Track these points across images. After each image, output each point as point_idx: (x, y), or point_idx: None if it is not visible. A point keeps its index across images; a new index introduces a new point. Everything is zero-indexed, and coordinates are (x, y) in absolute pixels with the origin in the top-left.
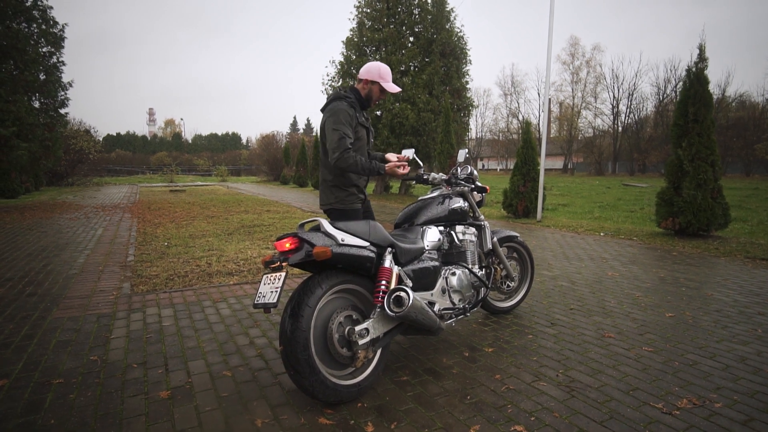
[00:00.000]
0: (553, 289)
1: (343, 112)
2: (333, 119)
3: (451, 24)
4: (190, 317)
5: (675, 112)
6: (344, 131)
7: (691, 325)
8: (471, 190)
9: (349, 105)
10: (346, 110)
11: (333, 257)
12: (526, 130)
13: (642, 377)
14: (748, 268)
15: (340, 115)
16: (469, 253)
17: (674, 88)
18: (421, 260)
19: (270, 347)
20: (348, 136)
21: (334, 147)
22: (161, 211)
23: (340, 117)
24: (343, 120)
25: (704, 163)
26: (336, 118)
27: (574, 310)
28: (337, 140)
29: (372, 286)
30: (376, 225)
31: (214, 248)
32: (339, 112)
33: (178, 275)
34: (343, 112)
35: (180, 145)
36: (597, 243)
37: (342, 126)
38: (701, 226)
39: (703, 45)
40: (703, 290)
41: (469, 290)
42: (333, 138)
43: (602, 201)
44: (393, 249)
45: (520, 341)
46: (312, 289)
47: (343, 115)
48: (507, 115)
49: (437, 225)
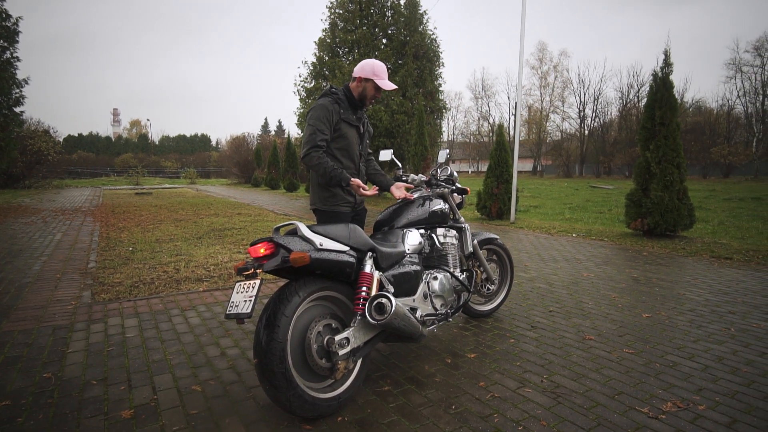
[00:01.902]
0: (531, 291)
1: (321, 107)
2: (310, 114)
3: (424, 26)
4: (156, 327)
5: (642, 115)
6: (318, 126)
7: (667, 326)
8: (451, 192)
9: (332, 101)
10: (326, 106)
11: (311, 263)
12: (499, 132)
13: (625, 380)
14: (714, 267)
15: (317, 111)
16: (451, 257)
17: (637, 93)
18: (402, 265)
19: (243, 358)
20: (321, 131)
21: (303, 141)
22: (126, 215)
23: (316, 112)
24: (319, 116)
25: (671, 165)
26: (312, 113)
27: (553, 312)
28: (307, 135)
29: (352, 293)
30: (356, 228)
31: (182, 253)
32: (317, 108)
33: (143, 282)
34: (321, 107)
35: (146, 147)
36: (570, 244)
37: (316, 122)
38: (668, 226)
39: (668, 50)
40: (676, 290)
41: (451, 295)
42: (305, 133)
43: (571, 202)
44: (374, 253)
45: (502, 346)
46: (288, 297)
47: (321, 110)
48: (478, 118)
49: (417, 228)
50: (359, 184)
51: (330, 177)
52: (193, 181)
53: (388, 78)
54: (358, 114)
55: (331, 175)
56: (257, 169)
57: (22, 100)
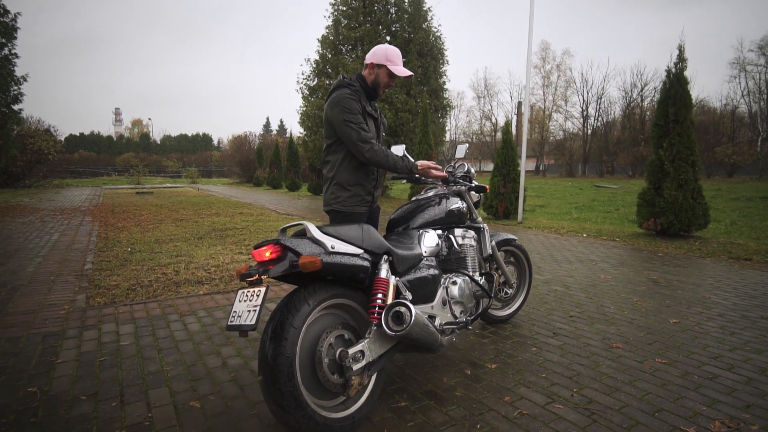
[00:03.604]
0: (548, 295)
1: (347, 100)
2: (340, 110)
3: (428, 24)
4: (153, 334)
5: (656, 112)
6: (357, 120)
7: (698, 333)
8: (468, 190)
9: (352, 92)
10: (349, 98)
11: (323, 268)
12: (506, 131)
13: (664, 395)
14: (735, 269)
15: (345, 104)
16: (470, 259)
17: (640, 93)
18: (419, 268)
19: (246, 369)
20: (364, 125)
21: (357, 139)
22: (126, 214)
23: (346, 105)
24: (351, 108)
25: (685, 164)
26: (343, 108)
27: (574, 317)
28: (357, 133)
29: (366, 300)
30: (370, 229)
31: (182, 254)
32: (343, 101)
33: (141, 285)
34: (347, 100)
35: (148, 146)
36: (582, 244)
37: (353, 116)
38: (682, 226)
39: (682, 45)
40: (700, 293)
41: (471, 301)
42: (350, 132)
43: (577, 202)
44: (389, 257)
45: (524, 355)
46: (297, 306)
47: (348, 103)
48: (480, 117)
49: (434, 228)
50: (429, 165)
51: (401, 168)
52: (194, 181)
53: None
54: (373, 104)
55: (401, 165)
56: (259, 168)
57: (21, 97)
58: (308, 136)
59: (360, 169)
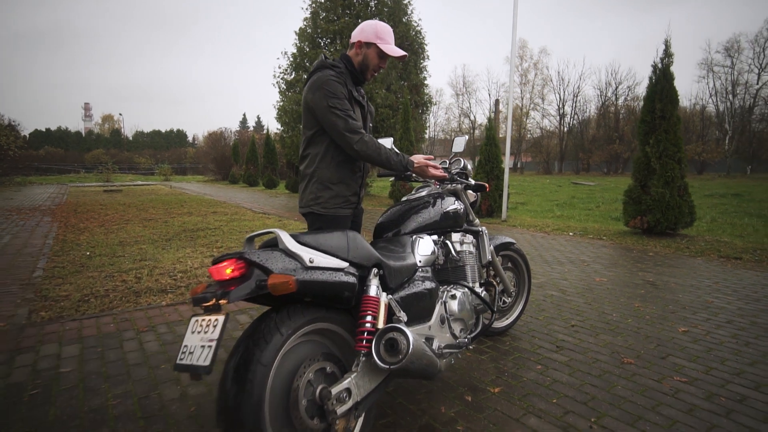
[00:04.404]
0: (544, 301)
1: (331, 82)
2: (323, 94)
3: (408, 17)
4: (101, 357)
5: (642, 108)
6: (344, 107)
7: (710, 343)
8: (465, 188)
9: (337, 74)
10: (334, 80)
11: (299, 289)
12: (489, 127)
13: (694, 424)
14: (728, 269)
15: (330, 87)
16: (469, 268)
17: (615, 91)
18: (414, 282)
19: (209, 399)
20: (352, 112)
21: (344, 129)
22: (89, 214)
23: (331, 89)
24: (336, 92)
25: (671, 161)
26: (327, 92)
27: (576, 327)
28: (344, 121)
29: (352, 323)
30: (356, 237)
31: (147, 258)
32: (327, 84)
33: (95, 295)
34: (331, 82)
35: (119, 143)
36: (570, 243)
37: (339, 101)
38: (669, 224)
39: (668, 40)
40: (701, 297)
41: (472, 316)
42: (335, 120)
43: (557, 199)
44: (380, 270)
45: (528, 374)
46: (267, 336)
47: (333, 86)
48: (459, 115)
49: (429, 233)
50: (426, 162)
51: (394, 162)
52: (167, 178)
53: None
54: (360, 90)
55: (395, 161)
56: (235, 165)
57: None
58: (286, 132)
59: (345, 164)
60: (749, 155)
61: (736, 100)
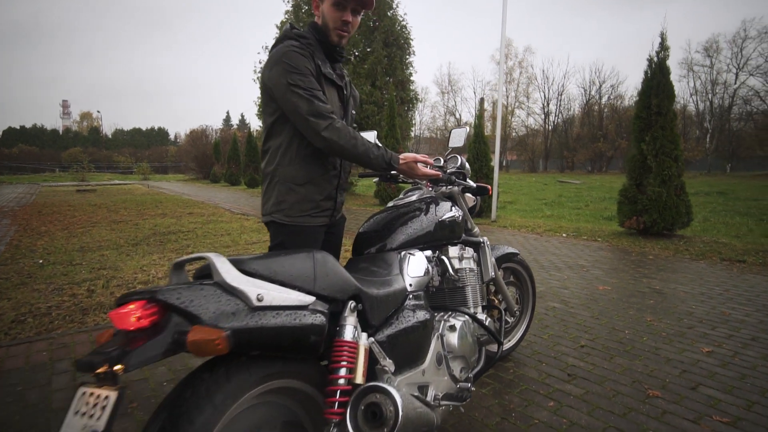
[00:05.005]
0: (546, 315)
1: (292, 54)
2: (282, 69)
3: (393, 11)
4: (20, 400)
5: (637, 103)
6: (308, 85)
7: (742, 367)
8: (462, 191)
9: (302, 45)
10: (296, 52)
11: (235, 346)
12: (477, 124)
13: None
14: (735, 273)
15: (291, 60)
16: (470, 290)
17: (598, 90)
18: (403, 314)
19: None
20: (319, 92)
21: (309, 112)
22: (55, 216)
23: (292, 63)
24: (298, 67)
25: (668, 159)
26: (287, 67)
27: (587, 348)
28: (308, 103)
29: (321, 375)
30: (326, 260)
31: (107, 266)
32: (287, 56)
33: (34, 313)
34: (292, 54)
35: (98, 141)
36: (564, 246)
37: (301, 78)
38: (666, 225)
39: (664, 33)
40: (716, 308)
41: (475, 351)
42: (296, 102)
43: (545, 198)
44: (358, 303)
45: (539, 414)
46: (194, 410)
47: (295, 59)
48: (444, 113)
49: (421, 247)
50: (415, 159)
51: (375, 157)
52: (146, 177)
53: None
54: (337, 69)
55: (376, 155)
56: (216, 164)
57: None
58: None
59: (314, 159)
60: (729, 154)
61: (715, 99)
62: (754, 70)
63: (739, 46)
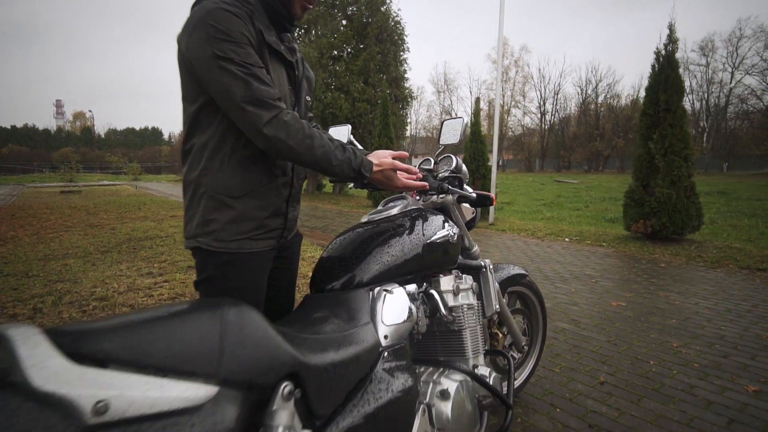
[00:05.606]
0: (556, 340)
1: (220, 14)
2: (205, 35)
3: (387, 7)
4: None
5: (644, 99)
6: (245, 59)
7: None
8: (458, 200)
9: (235, 4)
10: (226, 10)
11: None
12: (474, 122)
13: None
14: (759, 284)
15: (218, 22)
16: (469, 333)
17: (595, 89)
18: (372, 385)
19: None
20: (260, 69)
21: (244, 99)
22: (28, 219)
23: (221, 26)
24: (230, 32)
25: (678, 158)
26: (212, 33)
27: (607, 385)
28: (243, 84)
29: None
30: (243, 320)
31: (66, 278)
32: (213, 16)
33: None
34: (220, 14)
35: (90, 140)
36: (568, 252)
37: (234, 48)
38: (676, 229)
39: (672, 24)
40: (749, 328)
41: (476, 421)
42: (228, 82)
43: (543, 198)
44: (295, 386)
45: None
46: None
47: (224, 20)
48: (440, 112)
49: (403, 280)
50: (394, 165)
51: (339, 162)
52: (136, 178)
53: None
54: (285, 39)
55: (341, 159)
56: None
57: None
58: None
59: (255, 162)
60: (725, 153)
61: (711, 98)
62: (749, 68)
63: (735, 45)
